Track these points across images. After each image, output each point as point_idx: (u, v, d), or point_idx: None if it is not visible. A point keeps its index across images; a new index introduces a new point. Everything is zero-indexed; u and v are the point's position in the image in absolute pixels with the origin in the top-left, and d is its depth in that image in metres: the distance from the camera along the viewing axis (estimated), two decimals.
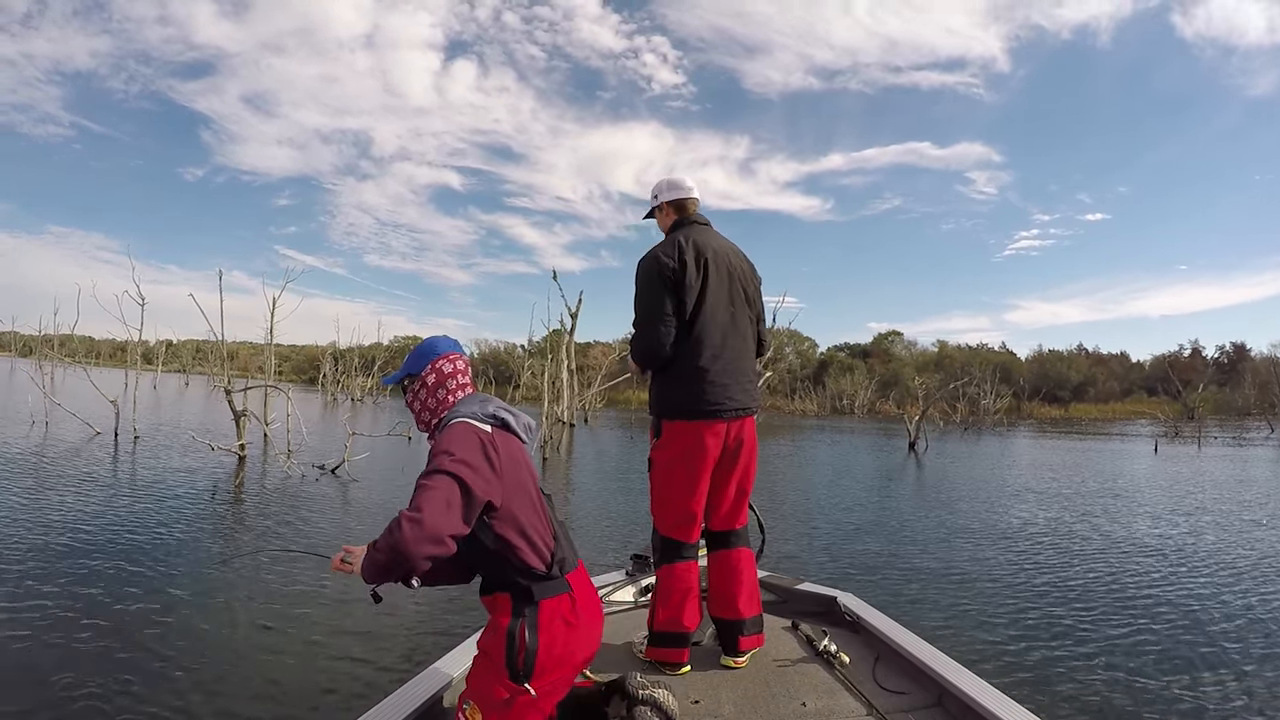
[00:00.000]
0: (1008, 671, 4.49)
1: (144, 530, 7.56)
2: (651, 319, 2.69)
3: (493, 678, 1.82)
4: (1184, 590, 6.51)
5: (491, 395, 2.04)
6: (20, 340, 44.22)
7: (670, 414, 2.76)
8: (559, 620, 1.84)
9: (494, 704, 1.81)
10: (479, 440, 1.79)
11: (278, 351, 65.49)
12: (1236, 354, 60.96)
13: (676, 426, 2.75)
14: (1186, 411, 44.62)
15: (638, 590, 3.52)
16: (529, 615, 1.81)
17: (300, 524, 8.46)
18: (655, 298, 2.69)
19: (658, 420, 2.80)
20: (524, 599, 1.83)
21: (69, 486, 9.69)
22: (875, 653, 2.83)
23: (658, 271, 2.70)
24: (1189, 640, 5.19)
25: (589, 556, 7.16)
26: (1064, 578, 6.86)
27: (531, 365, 27.33)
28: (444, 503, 1.65)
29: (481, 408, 1.91)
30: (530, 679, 1.78)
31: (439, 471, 1.69)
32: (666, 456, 2.79)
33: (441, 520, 1.63)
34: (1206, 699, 4.20)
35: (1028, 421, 47.51)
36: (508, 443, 1.89)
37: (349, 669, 4.38)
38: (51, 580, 5.68)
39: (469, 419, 1.85)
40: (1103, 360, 65.79)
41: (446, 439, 1.78)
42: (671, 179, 2.96)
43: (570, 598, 1.88)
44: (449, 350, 2.04)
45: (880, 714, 2.37)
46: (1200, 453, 24.00)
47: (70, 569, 6.01)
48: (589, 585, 2.01)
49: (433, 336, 2.09)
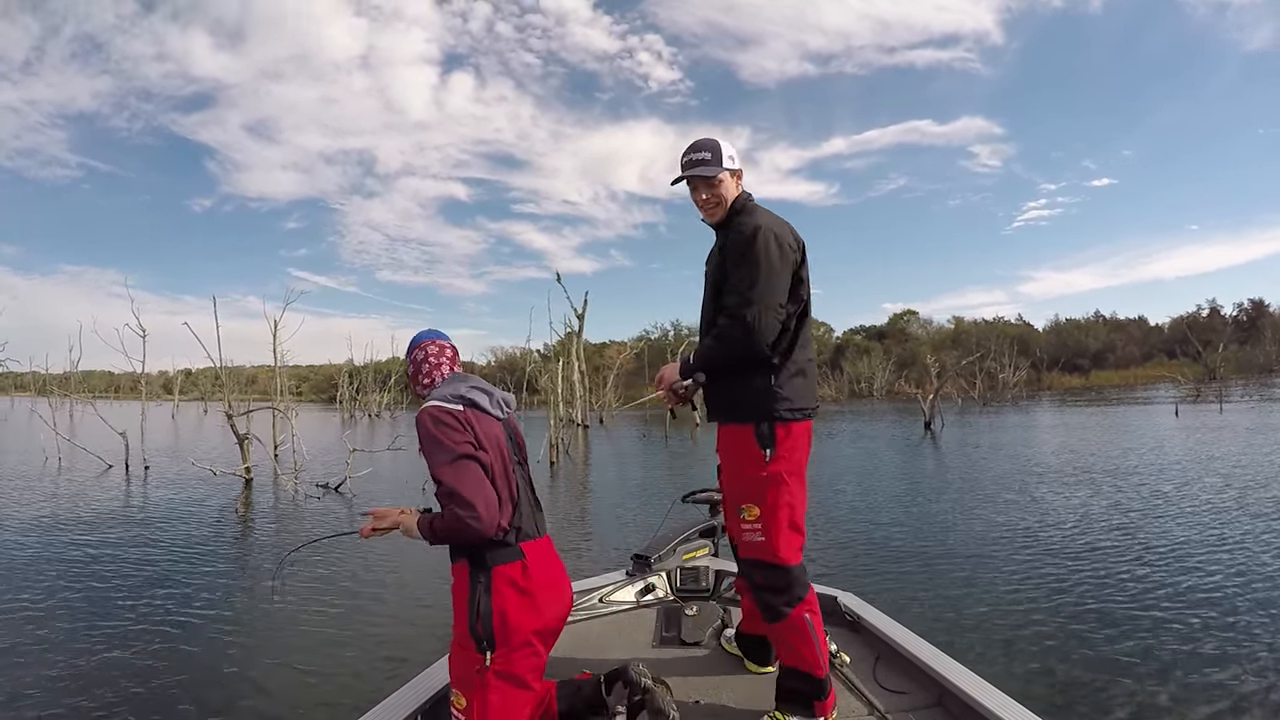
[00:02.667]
0: (1008, 671, 4.37)
1: (148, 557, 7.66)
2: (769, 305, 2.22)
3: (463, 655, 1.93)
4: (1195, 582, 6.05)
5: (472, 375, 2.20)
6: (39, 379, 44.95)
7: (789, 415, 2.30)
8: (510, 585, 1.92)
9: (470, 683, 1.90)
10: (452, 418, 1.95)
11: (296, 372, 66.12)
12: (1255, 310, 59.96)
13: (795, 429, 2.32)
14: (1208, 372, 43.93)
15: (638, 590, 3.50)
16: (483, 580, 1.91)
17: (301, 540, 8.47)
18: (778, 282, 2.26)
19: (770, 426, 2.29)
20: (479, 564, 1.93)
21: (77, 522, 9.77)
22: (876, 652, 2.80)
23: (779, 252, 2.27)
24: (1203, 636, 4.86)
25: (596, 562, 7.16)
26: (1069, 572, 6.47)
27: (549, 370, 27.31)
28: (478, 479, 1.88)
29: (453, 389, 2.05)
30: (493, 648, 1.87)
31: (454, 460, 1.87)
32: (788, 468, 2.31)
33: (490, 501, 1.87)
34: (1222, 697, 4.00)
35: (1048, 393, 47.01)
36: (479, 420, 2.02)
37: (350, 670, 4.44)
38: (49, 621, 5.75)
39: (439, 402, 2.00)
40: (1121, 326, 65.03)
41: (429, 426, 1.93)
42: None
43: (523, 564, 1.95)
44: (425, 340, 2.26)
45: (880, 714, 2.35)
46: (1222, 414, 23.57)
47: (65, 601, 6.10)
48: (551, 556, 2.09)
49: (419, 332, 2.31)
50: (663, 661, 2.81)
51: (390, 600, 6.05)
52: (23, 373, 45.06)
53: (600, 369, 44.39)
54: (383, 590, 6.34)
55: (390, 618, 5.60)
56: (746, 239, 2.26)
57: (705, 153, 2.35)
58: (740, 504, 2.34)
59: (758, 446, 2.29)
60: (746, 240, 2.26)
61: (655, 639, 3.07)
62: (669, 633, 3.10)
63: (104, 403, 31.10)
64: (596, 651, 2.90)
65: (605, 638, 3.07)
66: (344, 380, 47.85)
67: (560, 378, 24.92)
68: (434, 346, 2.23)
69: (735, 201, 2.41)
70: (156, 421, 30.73)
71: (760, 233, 2.26)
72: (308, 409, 48.86)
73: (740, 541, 2.37)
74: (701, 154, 2.35)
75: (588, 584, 3.46)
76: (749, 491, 2.32)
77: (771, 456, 2.29)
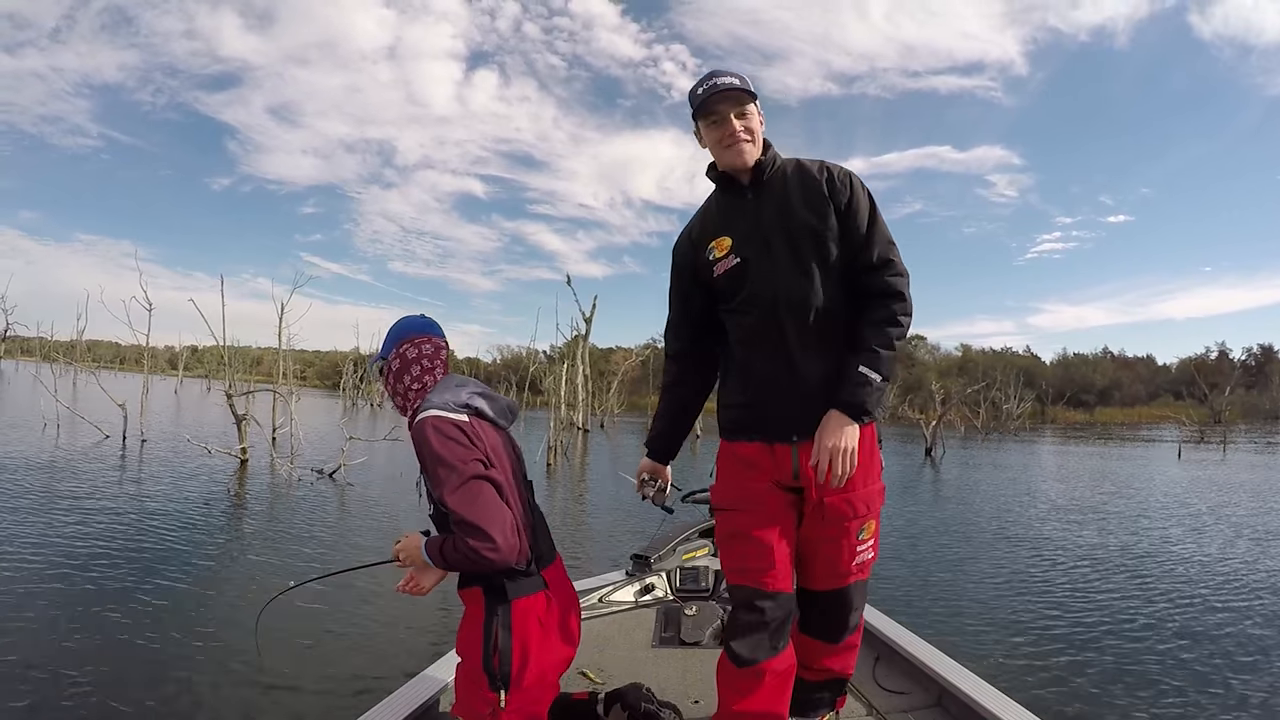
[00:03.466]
0: (1008, 671, 4.43)
1: (136, 536, 7.57)
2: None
3: (474, 689, 1.73)
4: (1186, 597, 6.40)
5: (469, 378, 1.89)
6: (45, 346, 45.09)
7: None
8: (534, 620, 1.73)
9: (480, 717, 1.72)
10: (458, 431, 1.69)
11: (302, 357, 66.10)
12: (1264, 356, 59.80)
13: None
14: (1213, 415, 43.78)
15: (637, 590, 3.48)
16: (501, 615, 1.70)
17: (298, 529, 8.47)
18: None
19: (875, 439, 1.92)
20: (497, 596, 1.72)
21: (72, 494, 9.66)
22: (875, 653, 2.79)
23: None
24: (1187, 644, 5.15)
25: (594, 563, 7.13)
26: (1067, 581, 6.78)
27: (554, 371, 27.34)
28: (494, 504, 1.65)
29: (455, 396, 1.76)
30: (508, 688, 1.68)
31: (465, 481, 1.63)
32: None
33: (507, 527, 1.65)
34: (1209, 704, 4.13)
35: (1052, 426, 46.85)
36: (486, 431, 1.78)
37: (350, 672, 4.39)
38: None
39: (440, 410, 1.71)
40: (1128, 364, 64.91)
41: (433, 442, 1.66)
42: None
43: (546, 596, 1.77)
44: (415, 333, 1.88)
45: (880, 714, 2.35)
46: (1225, 458, 23.51)
47: (50, 574, 5.98)
48: (566, 582, 1.90)
49: (405, 317, 1.92)
50: (662, 661, 2.80)
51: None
52: (30, 338, 45.44)
53: (605, 374, 44.46)
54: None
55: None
56: (859, 182, 1.83)
57: (733, 77, 1.80)
58: (861, 522, 1.87)
59: (878, 449, 1.92)
60: (860, 183, 1.83)
61: (655, 639, 3.05)
62: (668, 633, 3.09)
63: (108, 374, 31.25)
64: (596, 651, 2.88)
65: (605, 638, 3.04)
66: (348, 368, 47.97)
67: (564, 380, 24.88)
68: (430, 345, 1.87)
69: (766, 138, 1.88)
70: (158, 396, 30.74)
71: (867, 187, 1.84)
72: (311, 394, 48.87)
73: (845, 569, 1.92)
74: (728, 79, 1.79)
75: (587, 584, 3.45)
76: (871, 505, 1.90)
77: (878, 474, 1.94)
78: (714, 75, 1.81)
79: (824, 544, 1.89)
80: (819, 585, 1.94)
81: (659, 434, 2.22)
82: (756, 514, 1.85)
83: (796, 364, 1.80)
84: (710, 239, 1.90)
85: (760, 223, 1.83)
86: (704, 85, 1.81)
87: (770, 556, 1.82)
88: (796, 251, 1.79)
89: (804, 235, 1.78)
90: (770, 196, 1.83)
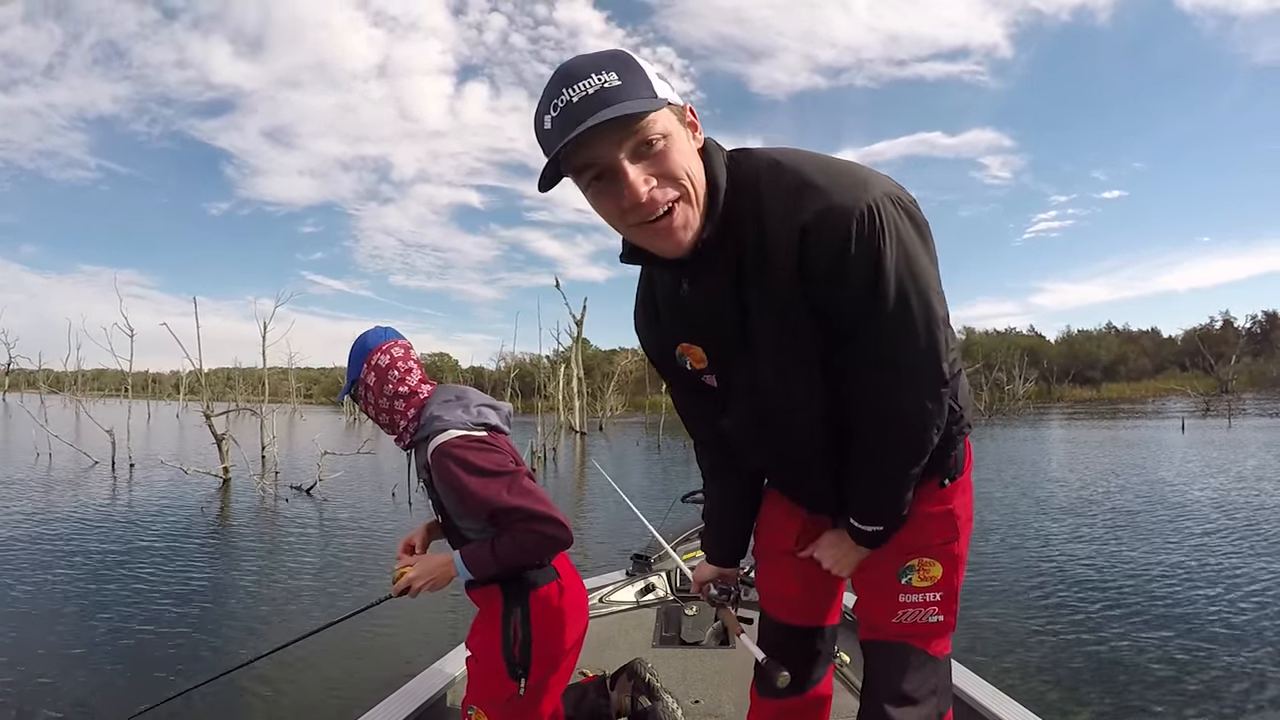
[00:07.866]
0: (1008, 671, 4.34)
1: (118, 552, 7.62)
2: (940, 317, 1.16)
3: (493, 677, 1.76)
4: (1190, 589, 6.13)
5: (466, 387, 1.87)
6: (49, 376, 45.14)
7: (970, 425, 1.39)
8: (550, 608, 1.77)
9: (498, 704, 1.75)
10: (486, 444, 1.73)
11: (308, 374, 65.95)
12: (1269, 323, 59.58)
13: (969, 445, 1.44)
14: (1221, 385, 43.57)
15: (638, 590, 3.48)
16: (521, 606, 1.74)
17: (277, 545, 8.42)
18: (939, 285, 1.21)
19: (959, 460, 1.37)
20: (516, 589, 1.74)
21: (57, 518, 9.66)
22: None
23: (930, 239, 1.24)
24: (1191, 636, 4.98)
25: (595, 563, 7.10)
26: (1068, 577, 6.53)
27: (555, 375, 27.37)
28: (540, 492, 1.70)
29: (466, 414, 1.76)
30: (528, 673, 1.73)
31: (515, 479, 1.69)
32: (969, 501, 1.44)
33: (551, 511, 1.67)
34: (1210, 699, 4.02)
35: (1058, 405, 46.65)
36: (500, 439, 1.81)
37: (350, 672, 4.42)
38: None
39: (462, 431, 1.71)
40: (1133, 338, 64.76)
41: (471, 458, 1.66)
42: None
43: (559, 584, 1.80)
44: (381, 341, 1.83)
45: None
46: (1231, 430, 23.20)
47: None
48: (571, 567, 1.92)
49: (364, 332, 1.86)
50: (663, 661, 2.79)
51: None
52: (33, 370, 45.53)
53: (609, 375, 44.55)
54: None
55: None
56: (865, 227, 1.06)
57: (600, 86, 0.95)
58: (904, 558, 1.37)
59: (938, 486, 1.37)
60: (865, 230, 1.06)
61: (655, 639, 3.05)
62: (669, 633, 3.09)
63: (114, 401, 31.22)
64: (596, 651, 2.87)
65: (605, 638, 3.04)
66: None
67: (561, 383, 24.89)
68: (398, 348, 1.82)
69: (711, 166, 1.10)
70: (159, 421, 30.76)
71: (917, 215, 1.21)
72: (316, 411, 48.92)
73: (879, 621, 1.42)
74: (593, 94, 0.95)
75: (587, 583, 3.43)
76: (926, 535, 1.37)
77: (957, 480, 1.38)
78: (563, 85, 0.96)
79: (862, 582, 1.46)
80: (861, 632, 1.49)
81: (714, 540, 1.70)
82: (780, 532, 1.56)
83: (811, 472, 1.37)
84: (673, 342, 1.33)
85: (727, 322, 1.20)
86: (553, 115, 0.97)
87: (789, 585, 1.54)
88: (800, 356, 1.17)
89: (792, 334, 1.15)
90: (732, 281, 1.15)
